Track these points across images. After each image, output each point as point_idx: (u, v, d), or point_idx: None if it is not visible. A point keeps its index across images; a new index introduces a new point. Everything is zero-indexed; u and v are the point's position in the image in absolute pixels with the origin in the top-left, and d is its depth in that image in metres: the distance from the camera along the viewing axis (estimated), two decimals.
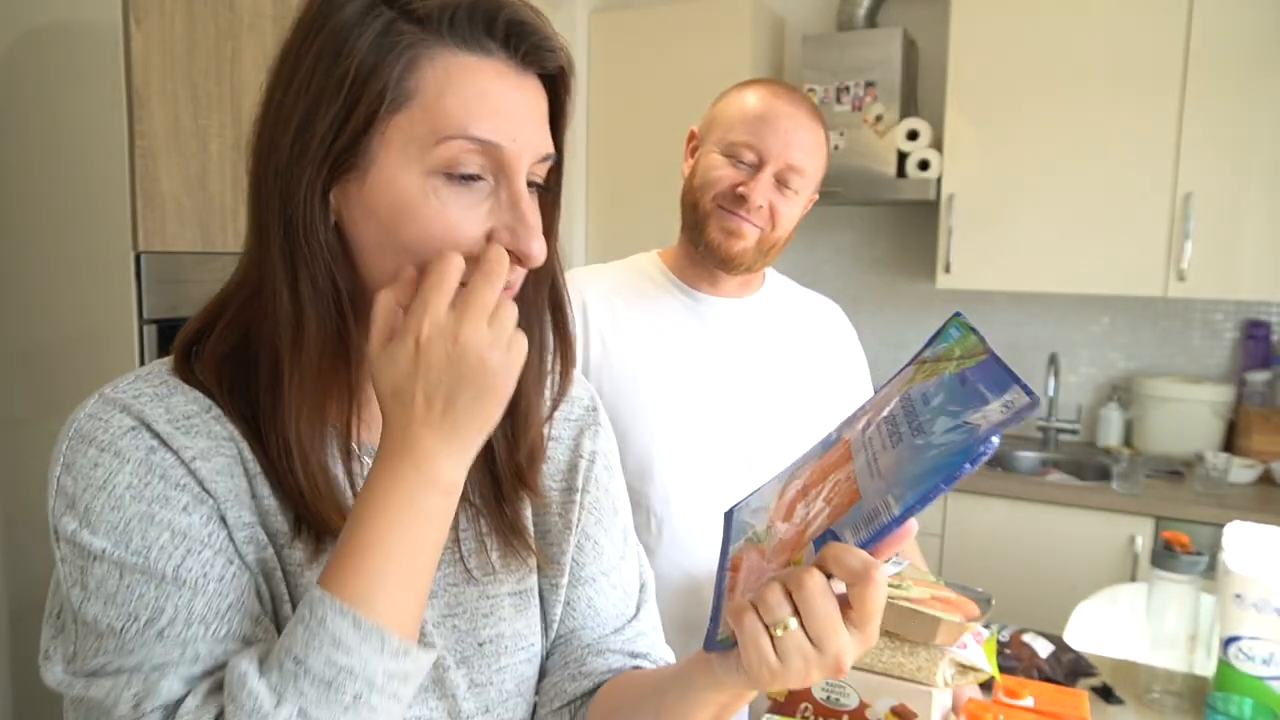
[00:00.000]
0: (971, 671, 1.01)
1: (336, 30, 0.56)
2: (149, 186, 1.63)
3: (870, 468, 0.58)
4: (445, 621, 0.68)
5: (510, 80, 0.58)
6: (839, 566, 0.52)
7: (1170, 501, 2.25)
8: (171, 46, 1.65)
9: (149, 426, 0.57)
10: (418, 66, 0.55)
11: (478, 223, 0.58)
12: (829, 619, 0.52)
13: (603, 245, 3.17)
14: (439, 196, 0.56)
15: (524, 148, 0.58)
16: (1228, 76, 2.32)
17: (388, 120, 0.56)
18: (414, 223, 0.56)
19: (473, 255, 0.56)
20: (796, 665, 0.53)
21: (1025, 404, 0.51)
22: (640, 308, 1.25)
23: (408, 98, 0.55)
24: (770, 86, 1.21)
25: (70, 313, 1.72)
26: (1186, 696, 1.20)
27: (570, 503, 0.76)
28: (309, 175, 0.56)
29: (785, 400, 1.27)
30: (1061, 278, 2.57)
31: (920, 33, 2.88)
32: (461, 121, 0.55)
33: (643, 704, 0.68)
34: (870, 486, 0.56)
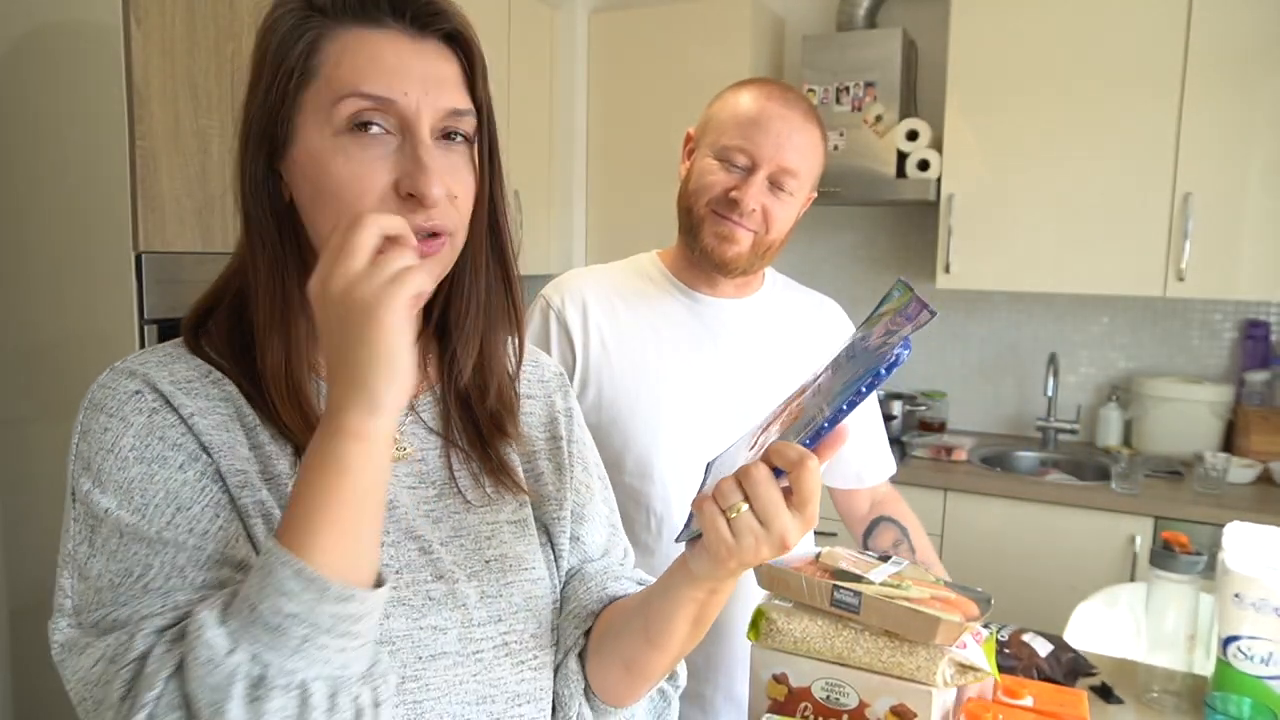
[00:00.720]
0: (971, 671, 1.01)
1: (264, 34, 0.67)
2: (149, 186, 1.63)
3: (815, 394, 0.68)
4: (452, 541, 0.73)
5: (403, 44, 0.66)
6: (779, 458, 0.61)
7: (1170, 501, 2.25)
8: (171, 46, 1.65)
9: (154, 387, 0.65)
10: (320, 46, 0.65)
11: (384, 172, 0.65)
12: (773, 502, 0.62)
13: (603, 245, 3.17)
14: (346, 152, 0.64)
15: (419, 101, 0.65)
16: (1227, 76, 2.33)
17: (300, 95, 0.65)
18: (328, 176, 0.64)
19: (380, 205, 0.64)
20: (748, 542, 0.63)
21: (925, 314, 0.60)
22: (640, 308, 1.25)
23: (313, 72, 0.65)
24: (763, 87, 1.20)
25: (70, 313, 1.72)
26: (1186, 696, 1.20)
27: (557, 450, 0.85)
28: (251, 152, 0.67)
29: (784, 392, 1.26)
30: (1061, 278, 2.57)
31: (920, 33, 2.88)
32: (354, 81, 0.64)
33: (633, 616, 0.76)
34: (811, 403, 0.66)
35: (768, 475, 0.62)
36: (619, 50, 3.07)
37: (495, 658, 0.72)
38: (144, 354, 0.68)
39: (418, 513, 0.73)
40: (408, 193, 0.64)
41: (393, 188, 0.65)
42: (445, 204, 0.66)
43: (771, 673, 1.05)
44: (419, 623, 0.68)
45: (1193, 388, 2.58)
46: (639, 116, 3.02)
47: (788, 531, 0.62)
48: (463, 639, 0.70)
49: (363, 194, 0.64)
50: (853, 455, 1.38)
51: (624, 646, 0.77)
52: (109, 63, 1.59)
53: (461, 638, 0.70)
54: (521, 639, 0.74)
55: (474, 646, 0.71)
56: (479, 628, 0.71)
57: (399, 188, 0.65)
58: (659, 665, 0.77)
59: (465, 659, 0.70)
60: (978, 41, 2.59)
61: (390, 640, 0.66)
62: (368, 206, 0.64)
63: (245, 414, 0.67)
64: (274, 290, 0.67)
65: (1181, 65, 2.37)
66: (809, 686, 1.03)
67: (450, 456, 0.76)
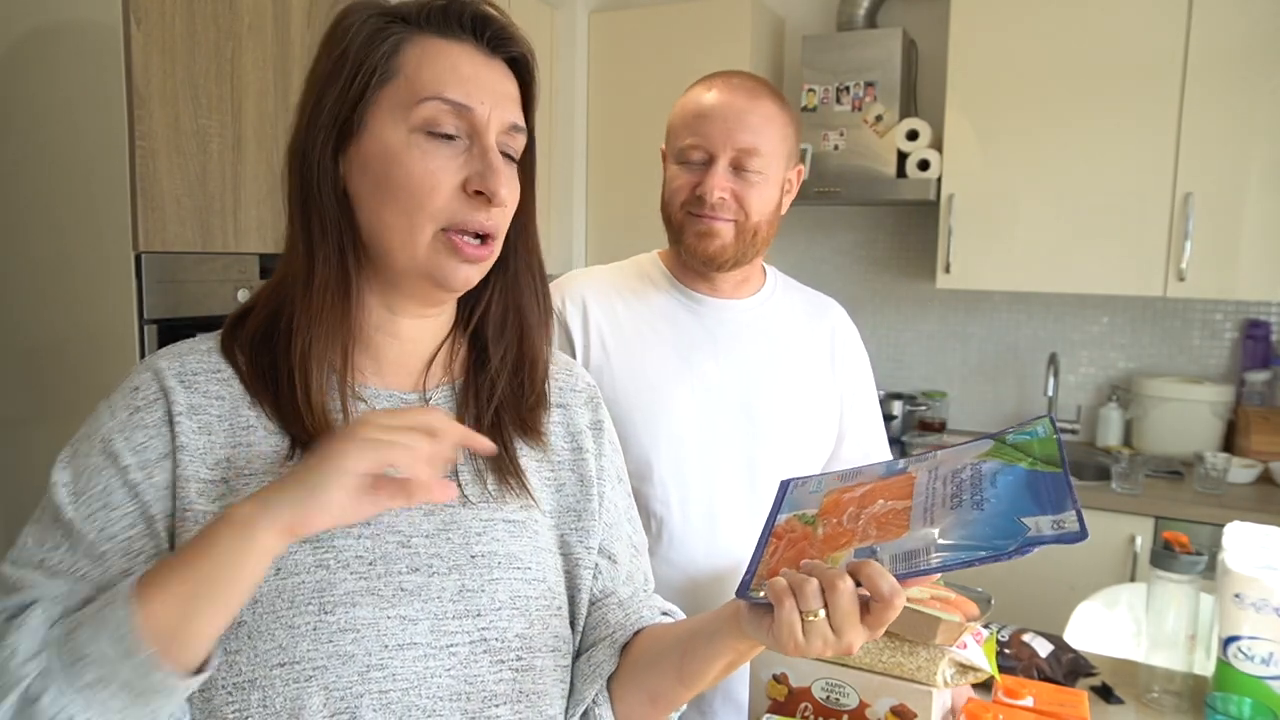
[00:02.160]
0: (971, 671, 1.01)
1: (341, 35, 0.71)
2: (149, 186, 1.63)
3: (925, 514, 0.67)
4: (440, 535, 0.74)
5: (478, 59, 0.72)
6: (871, 584, 0.62)
7: (1170, 501, 2.25)
8: (171, 47, 1.65)
9: (159, 379, 0.70)
10: (401, 49, 0.70)
11: (454, 172, 0.70)
12: (851, 617, 0.63)
13: (603, 245, 3.17)
14: (420, 148, 0.69)
15: (491, 112, 0.71)
16: (1227, 76, 2.32)
17: (378, 91, 0.70)
18: (399, 168, 0.69)
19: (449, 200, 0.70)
20: (816, 645, 0.64)
21: (1072, 533, 0.58)
22: (640, 309, 1.24)
23: (394, 73, 0.70)
24: (706, 80, 1.21)
25: (70, 313, 1.72)
26: (1186, 696, 1.20)
27: (582, 461, 0.85)
28: (320, 141, 0.71)
29: (785, 401, 1.26)
30: (1061, 278, 2.57)
31: (920, 33, 2.88)
32: (436, 86, 0.70)
33: (667, 653, 0.78)
34: (919, 529, 0.65)
35: (852, 593, 0.63)
36: (619, 50, 3.07)
37: (472, 653, 0.72)
38: (181, 343, 0.74)
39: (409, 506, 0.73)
40: (476, 190, 0.70)
41: (460, 187, 0.70)
42: (503, 209, 0.73)
43: (771, 673, 1.05)
44: (387, 612, 0.69)
45: (1193, 388, 2.58)
46: (639, 116, 3.02)
47: (856, 643, 0.64)
48: (435, 631, 0.70)
49: (435, 188, 0.69)
50: (852, 456, 1.37)
51: (652, 680, 0.79)
52: (109, 63, 1.59)
53: (434, 629, 0.70)
54: (504, 637, 0.73)
55: (447, 640, 0.71)
56: (453, 620, 0.71)
57: (467, 185, 0.70)
58: (683, 700, 0.80)
59: (438, 651, 0.70)
60: (978, 41, 2.59)
61: (355, 628, 0.67)
62: (437, 202, 0.70)
63: (240, 414, 0.71)
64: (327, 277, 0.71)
65: (1181, 65, 2.37)
66: (809, 686, 1.03)
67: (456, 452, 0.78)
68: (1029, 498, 0.63)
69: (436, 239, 0.71)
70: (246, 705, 0.65)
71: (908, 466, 0.76)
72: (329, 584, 0.67)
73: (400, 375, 0.78)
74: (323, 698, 0.65)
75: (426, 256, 0.71)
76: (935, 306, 3.03)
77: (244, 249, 1.83)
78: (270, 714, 0.65)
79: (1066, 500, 0.61)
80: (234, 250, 1.81)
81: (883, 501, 0.71)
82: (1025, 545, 0.59)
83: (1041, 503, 0.62)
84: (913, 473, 0.74)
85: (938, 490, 0.69)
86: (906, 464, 0.76)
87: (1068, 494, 0.62)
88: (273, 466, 0.69)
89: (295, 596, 0.66)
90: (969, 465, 0.70)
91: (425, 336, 0.79)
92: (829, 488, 0.78)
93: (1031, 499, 0.63)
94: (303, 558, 0.67)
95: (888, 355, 3.11)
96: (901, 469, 0.76)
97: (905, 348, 3.09)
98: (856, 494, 0.75)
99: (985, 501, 0.64)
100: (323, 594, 0.67)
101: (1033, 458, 0.68)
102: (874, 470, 0.78)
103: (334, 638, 0.66)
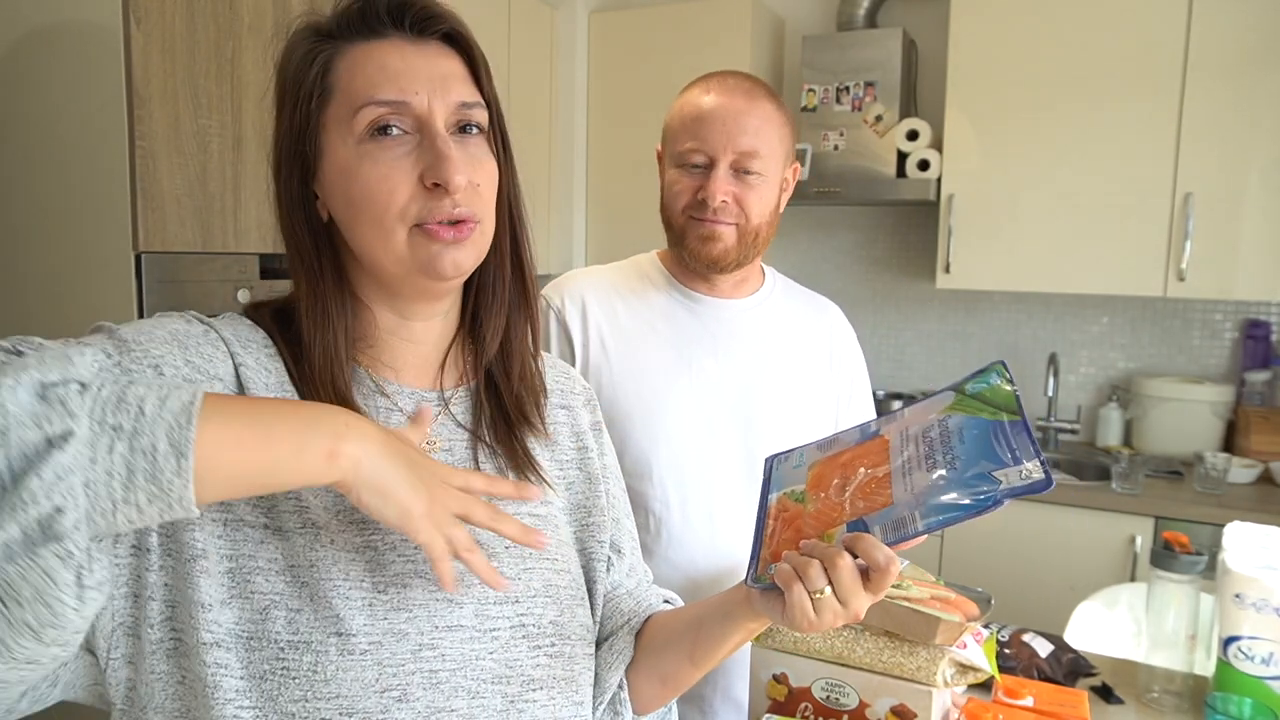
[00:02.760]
0: (971, 671, 1.01)
1: (282, 67, 0.73)
2: (149, 186, 1.63)
3: (904, 479, 0.72)
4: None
5: (407, 49, 0.71)
6: (868, 556, 0.68)
7: (1170, 501, 2.25)
8: (171, 46, 1.65)
9: (218, 332, 0.69)
10: (332, 66, 0.70)
11: (409, 169, 0.69)
12: (855, 588, 0.69)
13: (603, 245, 3.17)
14: (372, 157, 0.69)
15: (430, 99, 0.70)
16: (1227, 76, 2.32)
17: (321, 114, 0.70)
18: (356, 182, 0.69)
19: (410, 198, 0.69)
20: (828, 618, 0.70)
21: (1040, 481, 0.64)
22: (639, 308, 1.24)
23: (330, 91, 0.70)
24: (701, 82, 1.20)
25: (70, 313, 1.72)
26: (1186, 696, 1.20)
27: (587, 460, 0.88)
28: (284, 174, 0.72)
29: (783, 400, 1.26)
30: (1061, 278, 2.57)
31: (920, 33, 2.88)
32: (368, 91, 0.69)
33: (680, 637, 0.83)
34: (902, 497, 0.70)
35: (852, 567, 0.68)
36: (619, 50, 3.07)
37: (512, 638, 0.73)
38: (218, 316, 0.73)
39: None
40: (433, 182, 0.69)
41: (419, 182, 0.69)
42: (469, 191, 0.71)
43: (771, 673, 1.05)
44: (435, 595, 0.70)
45: (1193, 388, 2.58)
46: (639, 116, 3.02)
47: (863, 609, 0.70)
48: (479, 615, 0.72)
49: (393, 191, 0.69)
50: None
51: (665, 663, 0.84)
52: (109, 63, 1.59)
53: (478, 613, 0.72)
54: (540, 623, 0.76)
55: (490, 624, 0.72)
56: (494, 605, 0.73)
57: (424, 179, 0.69)
58: (692, 680, 0.85)
59: (481, 635, 0.72)
60: (978, 41, 2.59)
61: (408, 608, 0.68)
62: (399, 202, 0.69)
63: (285, 390, 0.70)
64: (313, 303, 0.72)
65: (1181, 65, 2.37)
66: (809, 686, 1.03)
67: (476, 450, 0.79)
68: (995, 450, 0.68)
69: (412, 236, 0.70)
70: (298, 665, 0.64)
71: (880, 429, 0.80)
72: (378, 565, 0.68)
73: (418, 375, 0.79)
74: (376, 672, 0.66)
75: (410, 255, 0.70)
76: (935, 306, 3.03)
77: (244, 249, 1.83)
78: (319, 680, 0.64)
79: (1030, 449, 0.67)
80: (234, 250, 1.81)
81: (864, 470, 0.76)
82: (1000, 498, 0.65)
83: (1007, 453, 0.68)
84: (885, 435, 0.78)
85: (911, 454, 0.73)
86: (878, 426, 0.81)
87: (1029, 443, 0.67)
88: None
89: (350, 571, 0.67)
90: (935, 422, 0.74)
91: (435, 337, 0.80)
92: (811, 459, 0.83)
93: (997, 451, 0.68)
94: (350, 537, 0.68)
95: (888, 355, 3.11)
96: (875, 431, 0.80)
97: (905, 348, 3.09)
98: (838, 462, 0.79)
99: (956, 459, 0.69)
100: (374, 573, 0.68)
101: (994, 407, 0.72)
102: (850, 436, 0.82)
103: (388, 615, 0.67)
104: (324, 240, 0.73)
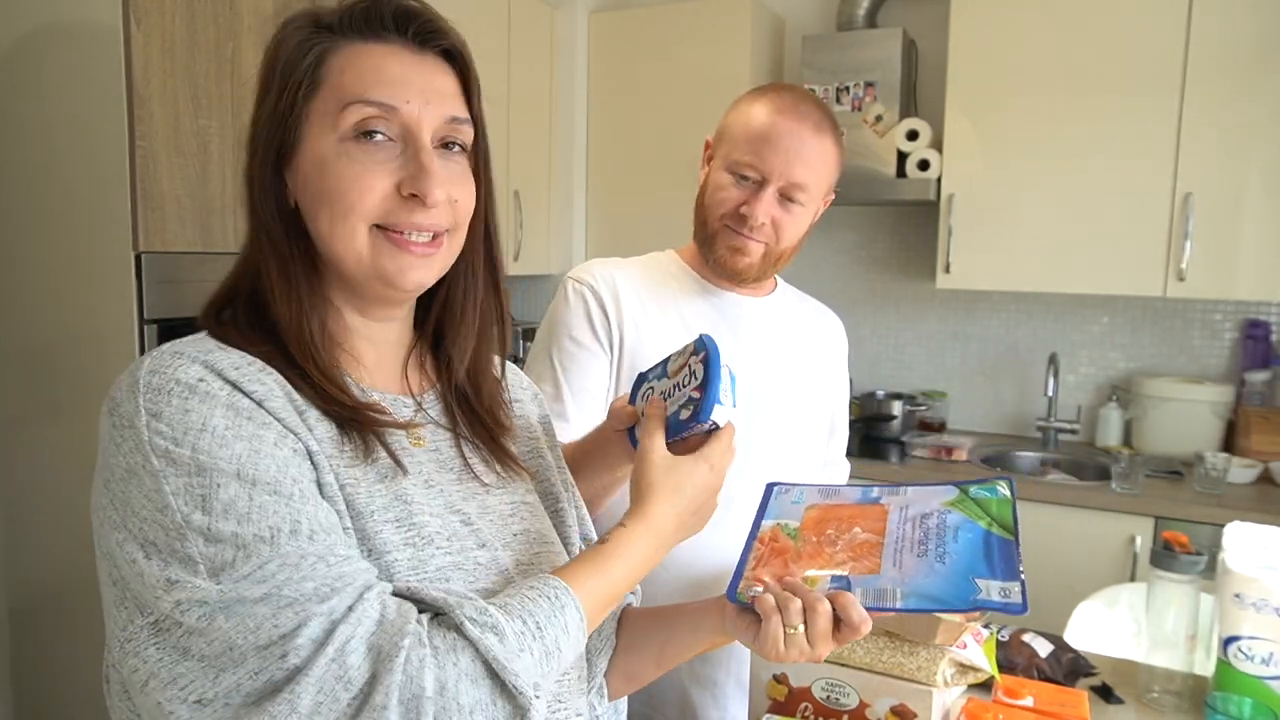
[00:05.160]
0: (971, 671, 1.01)
1: (273, 50, 0.71)
2: (149, 186, 1.63)
3: (895, 555, 0.79)
4: (484, 516, 0.77)
5: (405, 57, 0.71)
6: (844, 613, 0.75)
7: (1170, 501, 2.25)
8: (171, 46, 1.65)
9: (220, 374, 0.64)
10: (326, 59, 0.70)
11: (385, 175, 0.69)
12: (825, 634, 0.76)
13: (603, 245, 3.17)
14: (350, 155, 0.68)
15: (420, 110, 0.70)
16: (1227, 76, 2.32)
17: (307, 104, 0.69)
18: (330, 176, 0.68)
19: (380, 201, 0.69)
20: (793, 653, 0.76)
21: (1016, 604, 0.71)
22: (668, 304, 1.26)
23: (320, 82, 0.69)
24: (775, 99, 1.19)
25: (70, 313, 1.72)
26: (1186, 696, 1.20)
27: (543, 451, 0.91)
28: (260, 158, 0.71)
29: (791, 398, 1.30)
30: (1061, 278, 2.57)
31: (920, 33, 2.88)
32: (359, 89, 0.68)
33: (650, 637, 0.89)
34: (889, 570, 0.77)
35: (829, 615, 0.75)
36: (619, 50, 3.07)
37: None
38: (186, 344, 0.66)
39: (450, 492, 0.76)
40: (410, 193, 0.69)
41: (395, 189, 0.69)
42: (445, 206, 0.71)
43: (772, 673, 1.05)
44: (474, 586, 0.70)
45: (1193, 388, 2.58)
46: (639, 116, 3.02)
47: (824, 655, 0.77)
48: None
49: (365, 191, 0.68)
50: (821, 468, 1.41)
51: (632, 662, 0.89)
52: (109, 63, 1.59)
53: None
54: None
55: None
56: None
57: (401, 188, 0.69)
58: (652, 678, 0.91)
59: None
60: (978, 41, 2.59)
61: None
62: (367, 203, 0.68)
63: (295, 398, 0.67)
64: (288, 289, 0.71)
65: (1182, 65, 2.37)
66: (809, 686, 1.03)
67: (461, 445, 0.80)
68: (983, 560, 0.75)
69: (375, 237, 0.69)
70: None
71: (881, 497, 0.87)
72: (420, 560, 0.68)
73: (385, 378, 0.78)
74: None
75: (371, 258, 0.70)
76: (935, 306, 3.03)
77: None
78: None
79: (1014, 571, 0.73)
80: (234, 250, 1.78)
81: (859, 529, 0.83)
82: (976, 606, 0.72)
83: (993, 567, 0.74)
84: (886, 505, 0.86)
85: (907, 533, 0.81)
86: (880, 494, 0.88)
87: (1016, 564, 0.74)
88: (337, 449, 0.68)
89: (393, 573, 0.66)
90: (936, 512, 0.82)
91: (394, 339, 0.79)
92: (810, 501, 0.90)
93: (985, 562, 0.75)
94: (390, 535, 0.67)
95: (888, 355, 3.11)
96: (876, 498, 0.88)
97: (905, 348, 3.09)
98: (837, 514, 0.86)
99: (947, 555, 0.76)
100: (418, 570, 0.68)
101: (990, 518, 0.79)
102: (850, 494, 0.90)
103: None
104: (293, 227, 0.72)
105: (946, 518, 0.80)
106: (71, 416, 1.75)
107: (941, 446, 2.66)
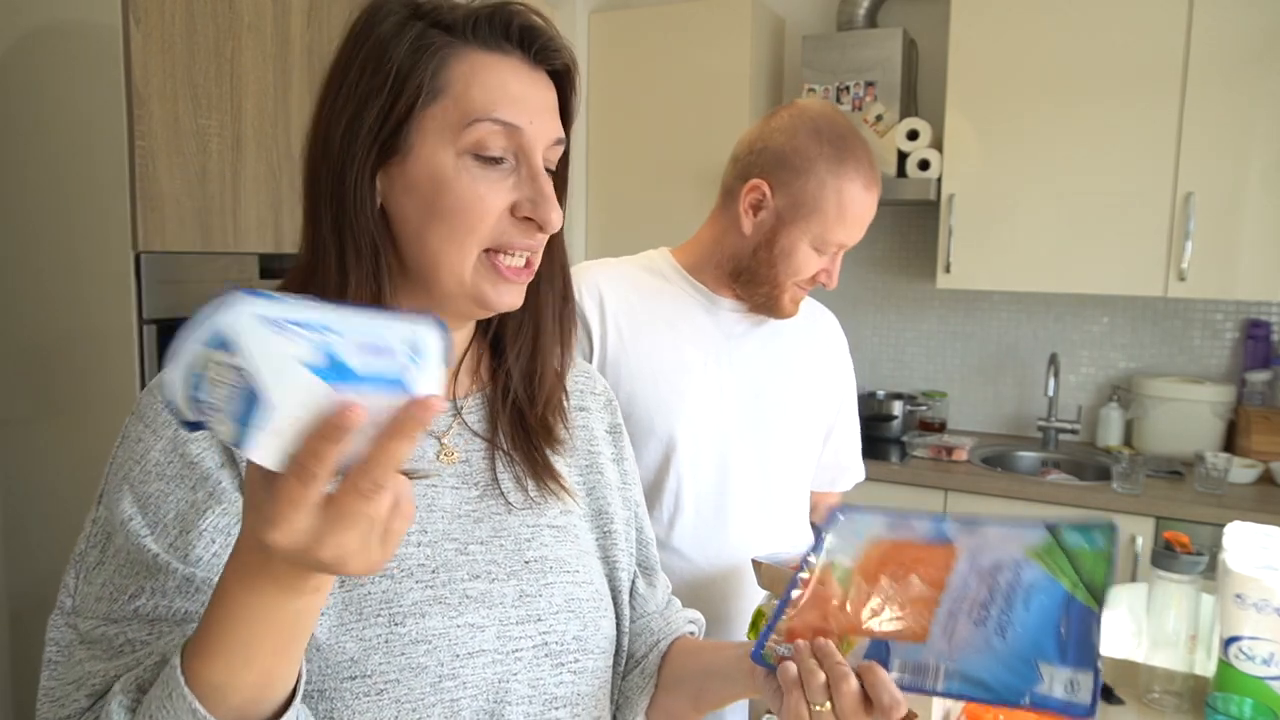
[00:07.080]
0: None
1: (378, 42, 0.66)
2: (149, 186, 1.63)
3: (949, 621, 0.66)
4: (492, 541, 0.74)
5: (525, 74, 0.69)
6: (874, 691, 0.64)
7: (1170, 501, 2.25)
8: (171, 46, 1.65)
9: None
10: (448, 65, 0.66)
11: (502, 196, 0.67)
12: (855, 711, 0.64)
13: (603, 245, 3.17)
14: (470, 172, 0.66)
15: (539, 131, 0.68)
16: (1227, 76, 2.32)
17: (424, 111, 0.66)
18: (449, 193, 0.66)
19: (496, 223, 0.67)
20: None
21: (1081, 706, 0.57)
22: (656, 305, 1.25)
23: (440, 90, 0.66)
24: (867, 177, 1.19)
25: (70, 313, 1.71)
26: (1186, 696, 1.19)
27: (603, 465, 0.87)
28: (359, 160, 0.66)
29: (791, 400, 1.29)
30: (1061, 278, 2.57)
31: (920, 33, 2.88)
32: (486, 106, 0.66)
33: (688, 680, 0.82)
34: (937, 641, 0.65)
35: (857, 694, 0.64)
36: (619, 50, 3.06)
37: (535, 657, 0.72)
38: None
39: (458, 513, 0.73)
40: (526, 216, 0.68)
41: (509, 210, 0.68)
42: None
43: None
44: (456, 620, 0.68)
45: (1194, 388, 2.58)
46: (639, 116, 3.01)
47: None
48: (501, 636, 0.70)
49: (485, 214, 0.67)
50: (831, 461, 1.40)
51: (671, 700, 0.84)
52: (109, 63, 1.59)
53: (500, 635, 0.70)
54: (562, 640, 0.74)
55: (512, 645, 0.71)
56: (516, 625, 0.71)
57: (516, 210, 0.68)
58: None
59: (504, 657, 0.70)
60: (978, 41, 2.59)
61: (427, 639, 0.66)
62: (487, 226, 0.67)
63: None
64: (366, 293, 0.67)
65: (1182, 65, 2.37)
66: None
67: (494, 459, 0.77)
68: (1054, 637, 0.62)
69: (480, 261, 0.68)
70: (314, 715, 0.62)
71: (954, 536, 0.73)
72: (395, 594, 0.66)
73: None
74: (394, 710, 0.64)
75: (472, 280, 0.68)
76: (935, 306, 3.02)
77: (244, 249, 1.83)
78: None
79: (1092, 655, 0.59)
80: (234, 250, 1.81)
81: (917, 579, 0.70)
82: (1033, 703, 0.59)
83: (1064, 648, 0.61)
84: (957, 546, 0.72)
85: (970, 589, 0.67)
86: (955, 530, 0.74)
87: (1095, 645, 0.60)
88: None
89: (363, 608, 0.65)
90: (1011, 564, 0.68)
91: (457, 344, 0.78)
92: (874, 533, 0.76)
93: (1055, 640, 0.61)
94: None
95: (888, 355, 3.11)
96: (948, 537, 0.74)
97: (905, 348, 3.09)
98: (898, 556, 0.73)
99: (1010, 628, 0.63)
100: (390, 605, 0.66)
101: (1077, 576, 0.65)
102: (920, 527, 0.76)
103: (406, 650, 0.65)
104: (383, 232, 0.68)
105: (1022, 573, 0.66)
106: (71, 416, 1.75)
107: (942, 447, 2.66)
